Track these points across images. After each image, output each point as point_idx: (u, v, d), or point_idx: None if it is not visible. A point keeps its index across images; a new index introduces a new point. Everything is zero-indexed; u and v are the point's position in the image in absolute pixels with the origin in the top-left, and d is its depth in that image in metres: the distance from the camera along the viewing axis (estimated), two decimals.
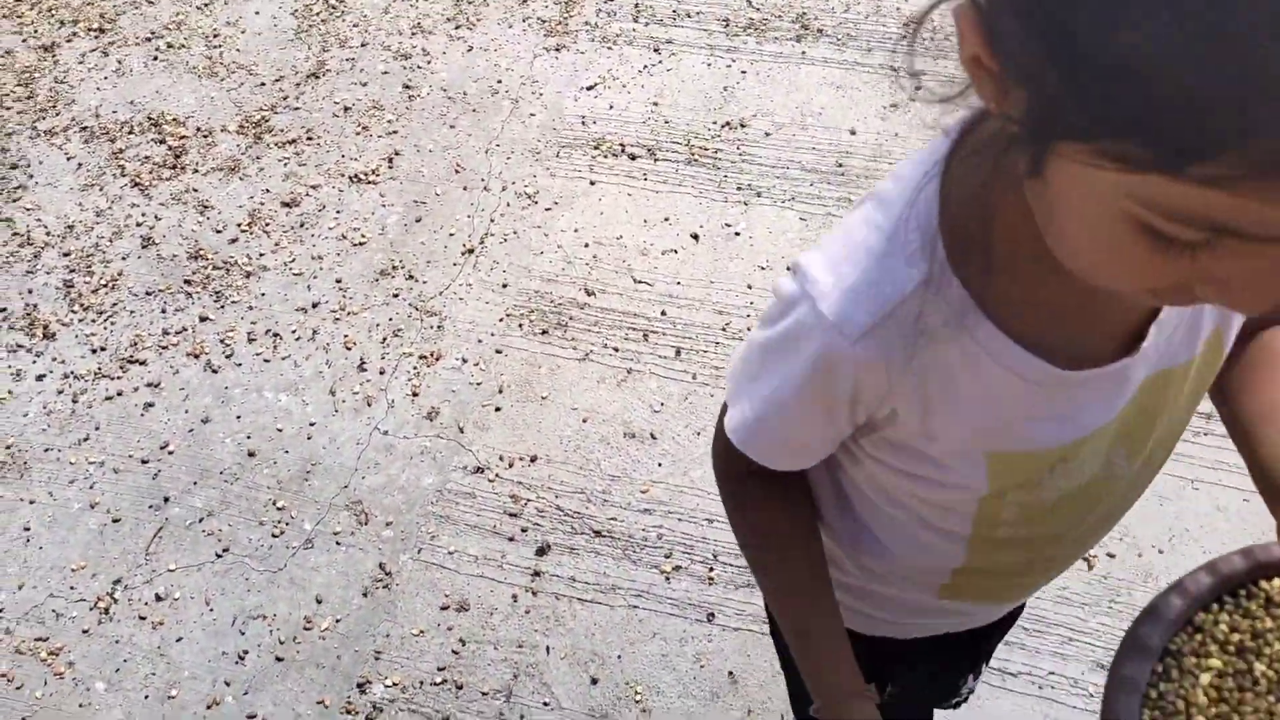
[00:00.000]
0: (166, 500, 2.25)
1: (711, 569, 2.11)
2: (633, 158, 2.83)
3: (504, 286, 2.59)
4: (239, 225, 2.73)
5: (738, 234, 2.65)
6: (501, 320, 2.53)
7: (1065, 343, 0.75)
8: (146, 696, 2.01)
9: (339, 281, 2.61)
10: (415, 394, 2.40)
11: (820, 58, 3.03)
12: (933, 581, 0.99)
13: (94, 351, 2.50)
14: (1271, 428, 0.84)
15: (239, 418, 2.37)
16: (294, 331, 2.52)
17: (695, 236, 2.65)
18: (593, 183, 2.79)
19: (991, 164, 0.69)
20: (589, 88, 3.01)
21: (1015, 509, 0.86)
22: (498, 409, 2.37)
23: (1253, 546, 0.73)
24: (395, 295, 2.58)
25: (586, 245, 2.66)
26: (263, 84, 3.07)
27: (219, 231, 2.72)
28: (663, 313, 2.51)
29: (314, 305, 2.57)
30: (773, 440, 0.88)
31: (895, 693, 1.19)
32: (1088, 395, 0.77)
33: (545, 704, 1.97)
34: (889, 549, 0.98)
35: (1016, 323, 0.73)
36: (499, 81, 3.04)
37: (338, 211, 2.76)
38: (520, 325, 2.52)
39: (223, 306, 2.57)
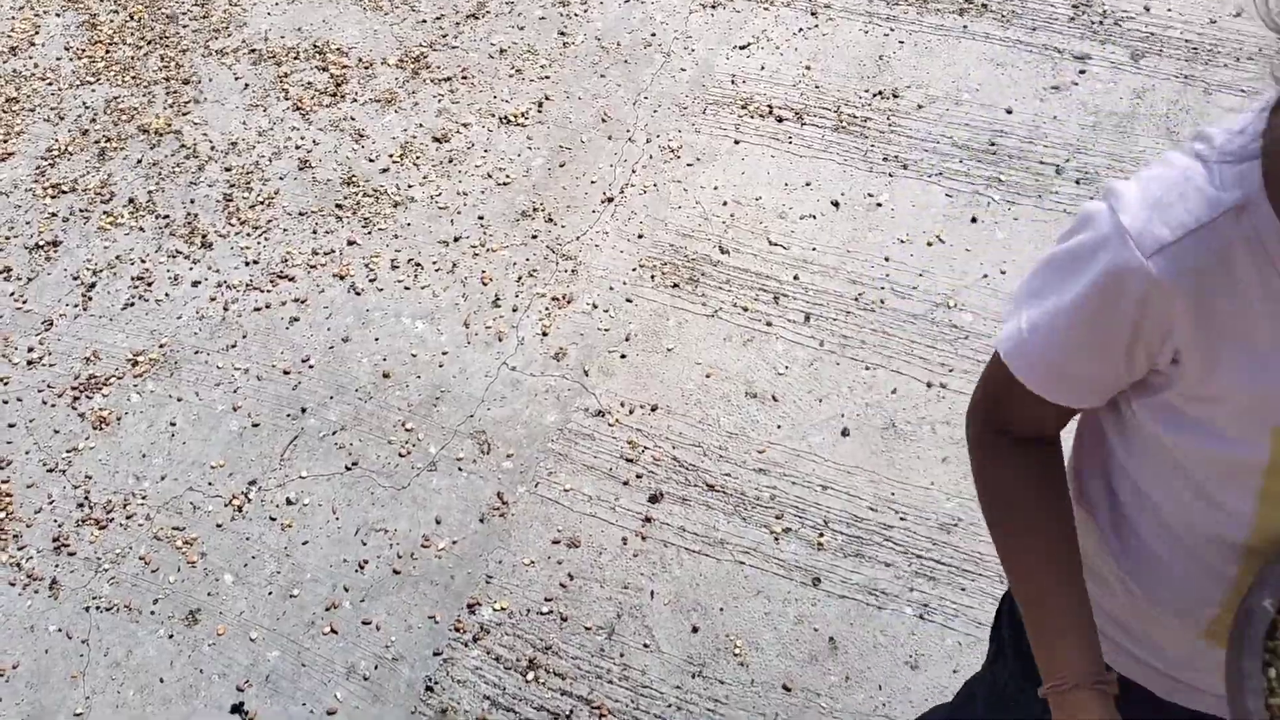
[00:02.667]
0: (304, 411, 2.35)
1: (821, 535, 2.12)
2: (779, 120, 2.82)
3: (639, 237, 2.62)
4: (391, 156, 2.82)
5: (879, 205, 2.62)
6: (634, 270, 2.56)
7: None
8: (270, 593, 2.11)
9: (481, 218, 2.68)
10: (545, 333, 2.45)
11: (982, 33, 2.95)
12: (1198, 611, 0.91)
13: (247, 264, 2.62)
14: None
15: (377, 340, 2.46)
16: (434, 263, 2.59)
17: (836, 204, 2.63)
18: (737, 142, 2.78)
19: None
20: (742, 47, 3.00)
21: None
22: (623, 356, 2.41)
23: None
24: (534, 236, 2.63)
25: (725, 204, 2.66)
26: (424, 21, 3.15)
27: (372, 160, 2.81)
28: (795, 277, 2.50)
29: (455, 239, 2.64)
30: (1040, 355, 0.83)
31: None
32: None
33: (645, 645, 2.01)
34: (1157, 555, 0.91)
35: None
36: (653, 35, 3.06)
37: (485, 150, 2.82)
38: (652, 277, 2.54)
39: (370, 232, 2.66)
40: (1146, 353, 0.77)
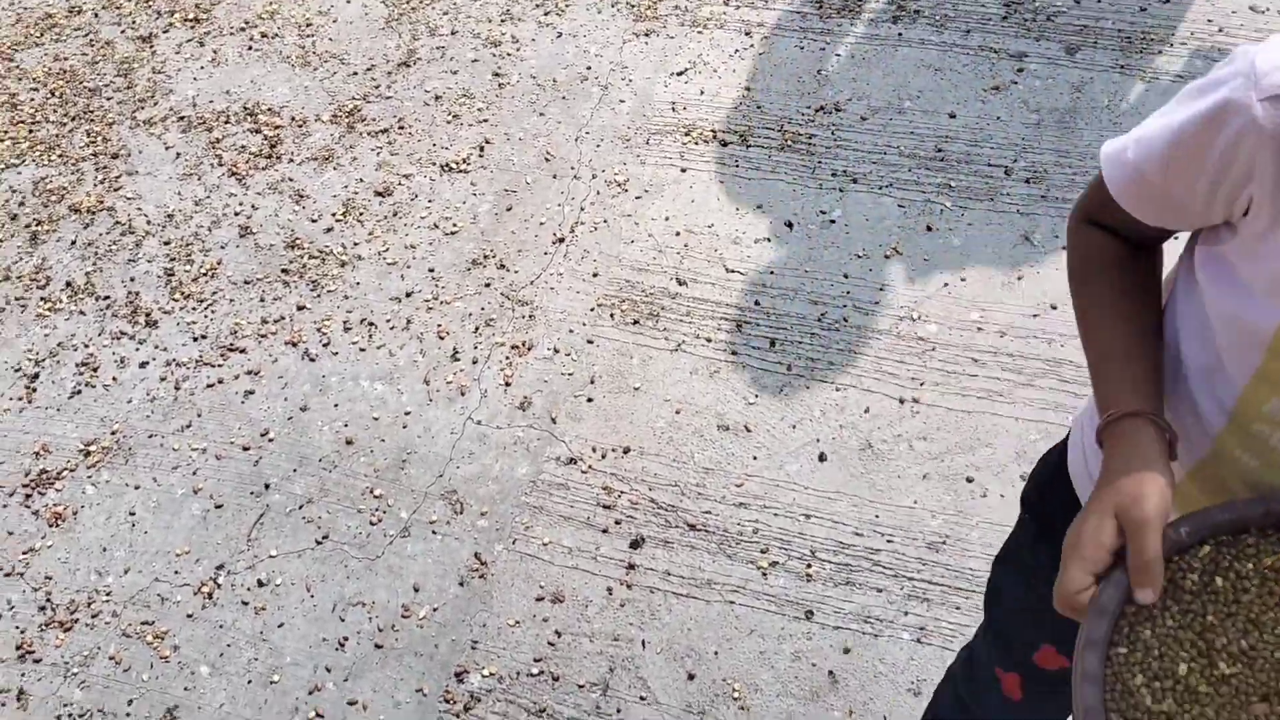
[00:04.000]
0: (267, 487, 2.28)
1: (809, 565, 2.08)
2: (724, 144, 2.79)
3: (594, 276, 2.57)
4: (333, 215, 2.75)
5: (833, 221, 2.60)
6: (593, 310, 2.51)
7: None
8: (249, 681, 2.04)
9: (431, 271, 2.62)
10: (507, 384, 2.40)
11: (917, 39, 2.95)
12: (1189, 454, 0.93)
13: (195, 339, 2.54)
14: None
15: (336, 406, 2.40)
16: (388, 320, 2.53)
17: (789, 224, 2.61)
18: (683, 170, 2.75)
19: None
20: (679, 73, 2.97)
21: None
22: (590, 400, 2.36)
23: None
24: (487, 284, 2.58)
25: (678, 234, 2.63)
26: (354, 73, 3.09)
27: (314, 221, 2.75)
28: (756, 303, 2.47)
29: (407, 294, 2.58)
30: (1132, 163, 0.87)
31: None
32: None
33: (642, 699, 1.96)
34: (1184, 357, 0.93)
35: None
36: (588, 68, 3.02)
37: (430, 200, 2.76)
38: (611, 315, 2.50)
39: (319, 295, 2.60)
40: (1227, 197, 0.80)
